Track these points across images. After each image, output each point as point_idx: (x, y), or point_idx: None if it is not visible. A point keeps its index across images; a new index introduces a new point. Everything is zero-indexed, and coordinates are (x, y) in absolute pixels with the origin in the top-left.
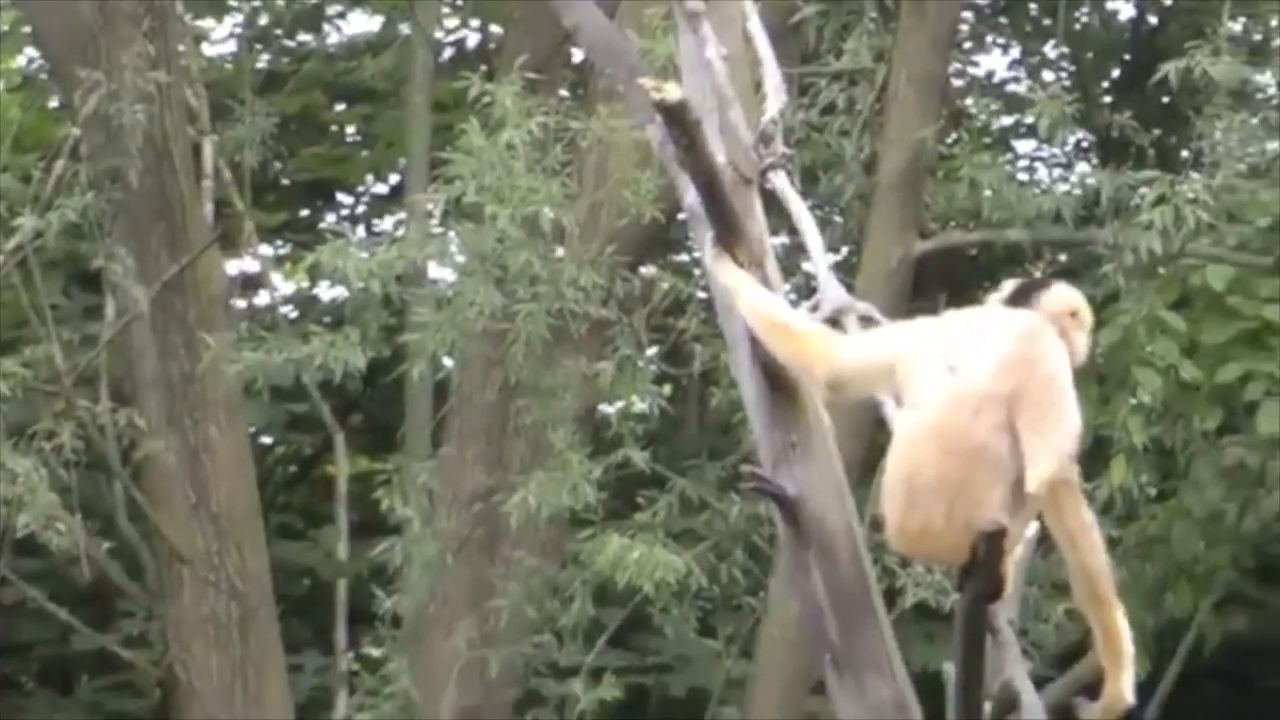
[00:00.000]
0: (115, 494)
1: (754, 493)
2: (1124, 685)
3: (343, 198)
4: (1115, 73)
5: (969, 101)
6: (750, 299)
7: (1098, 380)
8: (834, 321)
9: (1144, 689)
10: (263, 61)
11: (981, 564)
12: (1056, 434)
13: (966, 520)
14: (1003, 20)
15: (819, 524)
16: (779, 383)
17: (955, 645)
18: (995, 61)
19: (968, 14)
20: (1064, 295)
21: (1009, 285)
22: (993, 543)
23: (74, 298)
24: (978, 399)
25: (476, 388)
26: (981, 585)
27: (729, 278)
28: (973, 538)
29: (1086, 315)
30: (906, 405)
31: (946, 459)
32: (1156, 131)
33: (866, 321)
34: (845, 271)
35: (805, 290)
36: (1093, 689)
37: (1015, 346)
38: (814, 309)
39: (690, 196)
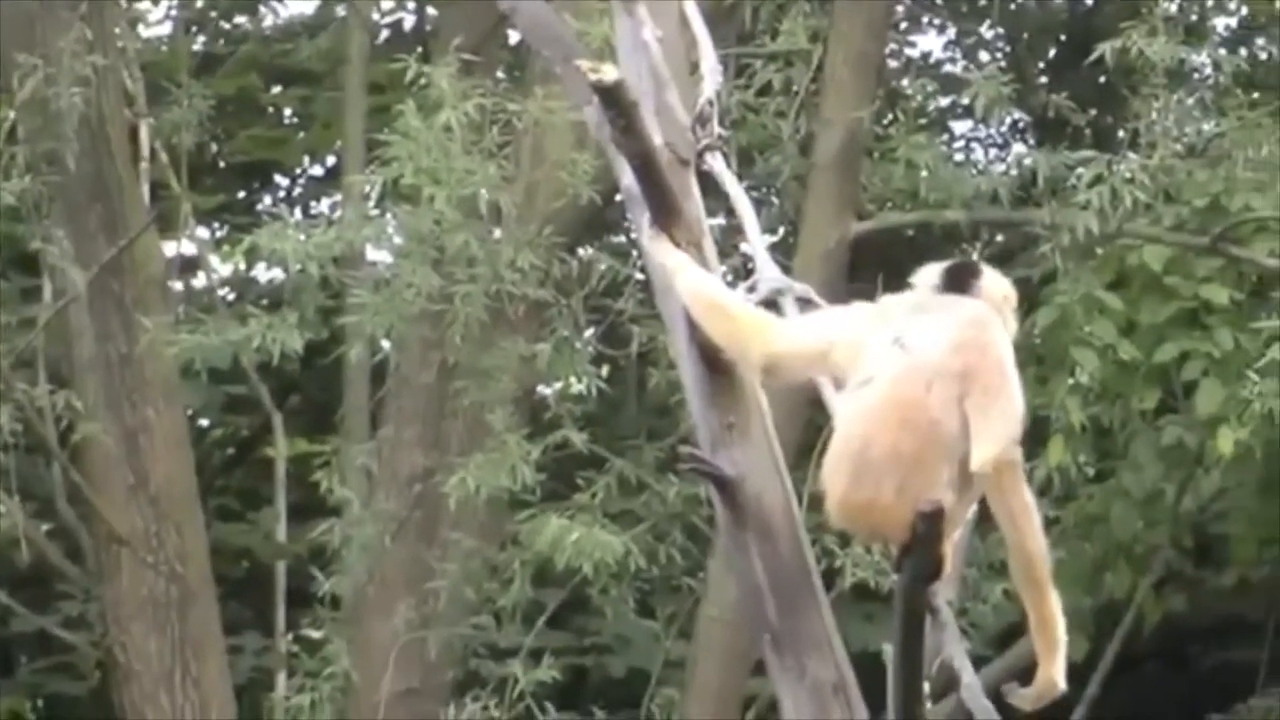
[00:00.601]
0: (54, 476)
1: (692, 474)
2: (1056, 671)
3: (280, 180)
4: (1051, 53)
5: (905, 82)
6: (688, 280)
7: (1036, 360)
8: (771, 303)
9: (1083, 669)
10: (199, 44)
11: (921, 544)
12: (1003, 416)
13: (916, 495)
14: (938, 1)
15: (757, 505)
16: (717, 364)
17: (894, 626)
18: (931, 42)
19: None
20: (998, 280)
21: (933, 270)
22: (932, 522)
23: (11, 280)
24: (930, 372)
25: (414, 369)
26: (921, 565)
27: (666, 258)
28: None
29: (1014, 297)
30: (855, 381)
31: (902, 431)
32: (1093, 111)
33: (804, 303)
34: (782, 252)
35: (742, 271)
36: (1029, 672)
37: (966, 330)
38: (751, 290)
39: (627, 178)
